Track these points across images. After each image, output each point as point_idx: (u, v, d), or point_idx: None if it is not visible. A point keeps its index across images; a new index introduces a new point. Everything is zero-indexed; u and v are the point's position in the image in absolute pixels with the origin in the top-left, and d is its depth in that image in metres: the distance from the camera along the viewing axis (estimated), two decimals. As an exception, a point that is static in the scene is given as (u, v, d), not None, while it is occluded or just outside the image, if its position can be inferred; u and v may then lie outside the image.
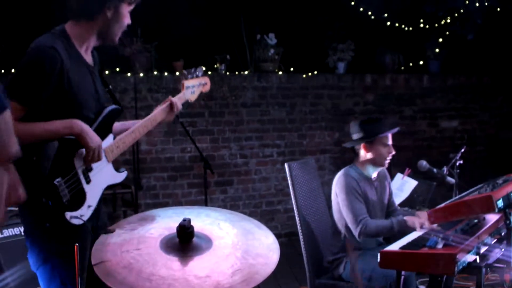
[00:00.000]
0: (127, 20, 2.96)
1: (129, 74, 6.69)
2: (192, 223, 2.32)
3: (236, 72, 7.23)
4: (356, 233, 4.08)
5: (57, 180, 2.66)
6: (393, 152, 4.32)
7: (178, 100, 3.37)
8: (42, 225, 2.68)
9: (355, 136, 4.34)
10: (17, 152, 1.14)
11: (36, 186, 2.62)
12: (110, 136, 2.98)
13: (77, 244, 2.38)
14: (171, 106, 3.30)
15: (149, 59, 6.84)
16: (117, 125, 3.17)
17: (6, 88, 2.60)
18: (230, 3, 7.27)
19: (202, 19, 7.01)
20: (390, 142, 4.28)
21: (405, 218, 4.02)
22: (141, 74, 6.72)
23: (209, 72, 7.05)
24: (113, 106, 3.02)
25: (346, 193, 4.16)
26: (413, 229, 3.91)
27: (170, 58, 7.01)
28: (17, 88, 2.66)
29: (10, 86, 2.66)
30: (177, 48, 7.03)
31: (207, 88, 3.75)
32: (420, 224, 3.89)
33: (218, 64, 7.12)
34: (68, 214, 2.68)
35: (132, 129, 3.06)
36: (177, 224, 2.31)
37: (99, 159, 2.82)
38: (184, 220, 2.30)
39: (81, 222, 2.71)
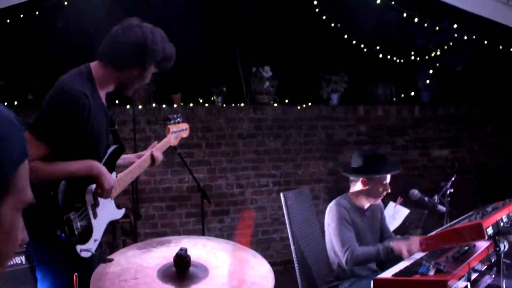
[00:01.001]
0: (147, 81, 3.11)
1: (128, 106, 6.77)
2: (188, 253, 2.33)
3: (233, 104, 7.32)
4: (343, 260, 4.11)
5: (72, 213, 2.75)
6: (389, 191, 4.36)
7: (159, 149, 3.49)
8: (58, 255, 2.77)
9: (356, 166, 4.39)
10: (32, 198, 1.19)
11: (53, 219, 2.72)
12: (113, 174, 3.09)
13: (76, 273, 2.43)
14: (152, 157, 3.42)
15: (147, 92, 6.94)
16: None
17: (34, 128, 2.72)
18: (226, 37, 7.40)
19: (199, 52, 7.16)
20: (388, 181, 4.34)
21: (391, 244, 4.04)
22: (140, 106, 6.80)
23: (206, 104, 7.18)
24: (116, 146, 3.14)
25: (336, 223, 4.21)
26: (400, 255, 3.93)
27: (168, 90, 7.11)
28: (47, 130, 2.72)
29: (39, 127, 2.72)
30: (175, 81, 7.12)
31: (187, 133, 3.93)
32: (408, 250, 3.92)
33: (215, 97, 7.24)
34: (78, 247, 2.78)
35: (129, 169, 3.20)
36: (174, 253, 2.33)
37: (109, 197, 2.95)
38: (181, 249, 2.32)
39: (89, 254, 2.81)
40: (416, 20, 6.81)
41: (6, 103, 6.46)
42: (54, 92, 2.82)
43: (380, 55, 7.79)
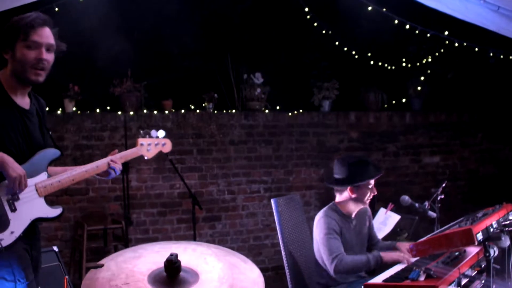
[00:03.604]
0: (30, 56, 3.00)
1: (119, 113, 6.77)
2: (179, 258, 2.35)
3: (224, 111, 7.33)
4: (331, 269, 4.10)
5: None
6: (375, 193, 4.38)
7: (120, 158, 3.42)
8: None
9: (341, 176, 4.37)
10: None
11: None
12: (43, 174, 3.09)
13: (66, 276, 2.46)
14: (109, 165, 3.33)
15: (138, 98, 6.94)
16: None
17: None
18: (218, 43, 7.41)
19: (190, 59, 7.16)
20: (373, 183, 4.34)
21: (381, 254, 4.07)
22: (131, 113, 6.79)
23: (198, 111, 7.18)
24: (48, 149, 3.16)
25: (324, 233, 4.21)
26: (390, 264, 3.95)
27: (159, 97, 7.11)
28: None
29: None
30: (166, 87, 7.14)
31: (167, 148, 3.87)
32: (402, 257, 3.98)
33: (206, 103, 7.25)
34: None
35: (72, 171, 3.18)
36: (164, 259, 2.36)
37: (21, 187, 2.91)
38: (171, 255, 2.34)
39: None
40: (407, 27, 6.83)
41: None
42: None
43: (372, 62, 7.83)
